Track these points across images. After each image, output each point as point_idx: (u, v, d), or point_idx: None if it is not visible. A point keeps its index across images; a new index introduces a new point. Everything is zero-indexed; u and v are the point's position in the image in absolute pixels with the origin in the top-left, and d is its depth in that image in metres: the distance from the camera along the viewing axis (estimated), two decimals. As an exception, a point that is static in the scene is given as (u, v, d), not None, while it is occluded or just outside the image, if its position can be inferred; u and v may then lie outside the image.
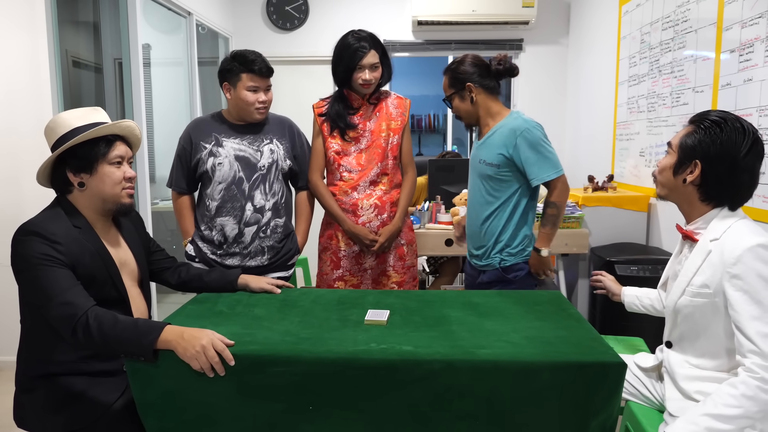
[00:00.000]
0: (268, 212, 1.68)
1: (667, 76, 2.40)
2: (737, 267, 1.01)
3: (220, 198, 1.65)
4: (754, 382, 0.96)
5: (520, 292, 1.42)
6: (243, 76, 1.59)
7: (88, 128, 1.17)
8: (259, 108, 1.63)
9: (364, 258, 1.80)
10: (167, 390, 1.03)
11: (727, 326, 1.06)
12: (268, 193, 1.68)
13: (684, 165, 1.08)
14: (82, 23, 2.93)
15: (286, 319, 1.19)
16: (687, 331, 1.14)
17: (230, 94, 1.63)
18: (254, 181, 1.66)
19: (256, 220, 1.67)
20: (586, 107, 3.51)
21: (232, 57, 1.62)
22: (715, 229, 1.08)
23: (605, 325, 2.28)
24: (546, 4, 3.78)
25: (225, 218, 1.65)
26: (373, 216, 1.77)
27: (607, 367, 0.97)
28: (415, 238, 1.91)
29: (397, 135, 1.79)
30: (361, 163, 1.77)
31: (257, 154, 1.67)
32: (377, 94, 1.80)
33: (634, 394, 1.31)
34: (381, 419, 1.01)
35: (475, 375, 0.98)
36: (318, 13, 3.90)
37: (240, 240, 1.66)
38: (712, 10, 2.03)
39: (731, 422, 0.96)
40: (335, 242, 1.81)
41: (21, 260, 1.09)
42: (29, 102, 2.21)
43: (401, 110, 1.81)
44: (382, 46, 1.75)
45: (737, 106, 1.87)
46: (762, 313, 0.98)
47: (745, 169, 1.04)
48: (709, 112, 1.09)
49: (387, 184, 1.79)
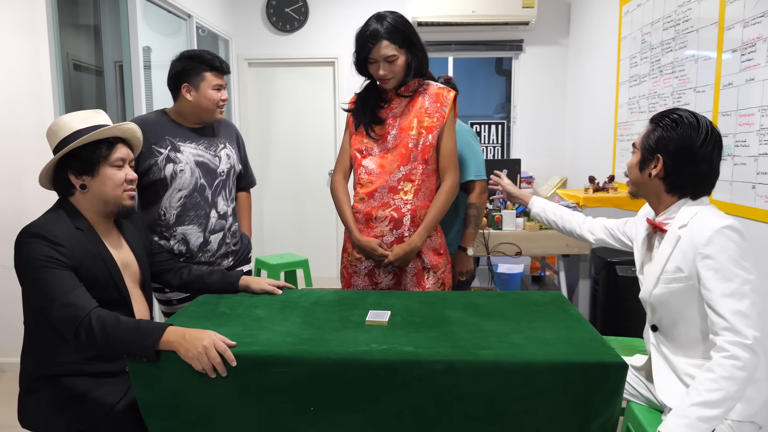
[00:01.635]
0: (230, 217, 1.68)
1: (668, 76, 2.40)
2: (708, 247, 1.05)
3: (180, 206, 1.57)
4: (727, 361, 1.00)
5: (521, 293, 1.42)
6: (207, 75, 1.55)
7: (90, 131, 1.18)
8: (221, 106, 1.60)
9: (379, 276, 1.54)
10: (169, 391, 1.03)
11: (702, 309, 1.09)
12: (228, 198, 1.68)
13: (647, 161, 1.17)
14: (83, 26, 2.94)
15: (287, 320, 1.19)
16: (664, 318, 1.18)
17: (191, 95, 1.55)
18: (216, 187, 1.63)
19: (221, 226, 1.64)
20: (587, 108, 3.51)
21: (189, 57, 1.56)
22: (682, 217, 1.14)
23: (606, 326, 2.28)
24: (546, 5, 3.78)
25: (188, 227, 1.58)
26: (387, 230, 1.49)
27: (609, 367, 0.97)
28: (443, 264, 1.57)
29: (432, 134, 1.49)
30: (384, 164, 1.50)
31: (215, 159, 1.63)
32: (412, 85, 1.52)
33: (635, 395, 1.31)
34: (382, 420, 1.01)
35: (476, 376, 0.98)
36: (317, 15, 3.91)
37: (206, 249, 1.62)
38: (714, 9, 2.03)
39: (718, 406, 0.98)
40: (346, 255, 1.59)
41: (24, 262, 1.10)
42: (30, 104, 2.21)
43: (439, 104, 1.50)
44: (404, 32, 1.45)
45: (739, 106, 1.87)
46: (733, 290, 1.02)
47: (704, 159, 1.11)
48: (666, 111, 1.17)
49: (411, 193, 1.48)
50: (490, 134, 3.99)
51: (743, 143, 1.82)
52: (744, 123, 1.84)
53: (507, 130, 4.04)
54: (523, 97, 3.97)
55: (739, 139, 1.85)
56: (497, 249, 2.40)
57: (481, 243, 2.36)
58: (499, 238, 2.41)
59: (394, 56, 1.44)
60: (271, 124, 4.10)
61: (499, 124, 3.99)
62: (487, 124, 4.00)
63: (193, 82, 1.55)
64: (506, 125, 4.03)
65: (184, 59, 1.57)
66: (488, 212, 2.50)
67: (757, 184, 1.74)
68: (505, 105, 4.36)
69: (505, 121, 4.03)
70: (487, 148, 4.01)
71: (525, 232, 2.45)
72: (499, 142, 4.00)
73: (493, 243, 2.40)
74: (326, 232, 4.17)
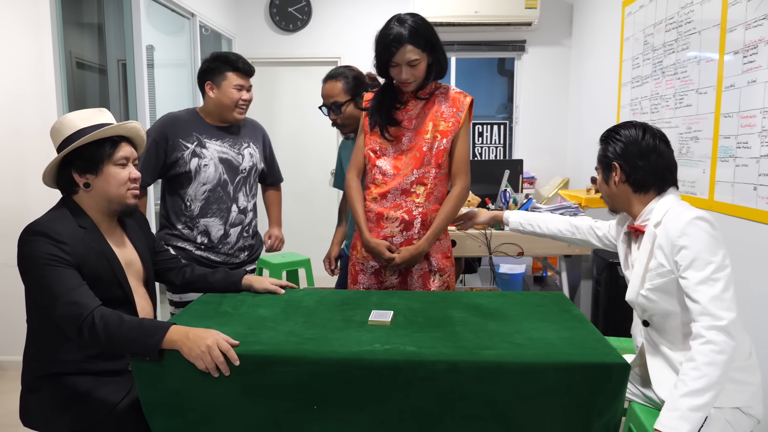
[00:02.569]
0: (250, 213, 1.80)
1: (671, 78, 2.39)
2: (682, 239, 1.12)
3: (204, 199, 1.68)
4: (705, 347, 1.03)
5: (523, 293, 1.43)
6: (229, 74, 1.67)
7: (94, 129, 1.18)
8: (241, 106, 1.70)
9: (385, 276, 1.56)
10: (172, 389, 1.04)
11: (683, 300, 1.13)
12: (249, 194, 1.79)
13: (608, 172, 1.29)
14: (87, 25, 2.95)
15: (290, 320, 1.19)
16: (655, 315, 1.21)
17: (213, 92, 1.68)
18: (237, 183, 1.74)
19: (240, 221, 1.76)
20: (589, 109, 3.51)
21: (215, 57, 1.70)
22: (655, 215, 1.21)
23: (608, 326, 2.28)
24: (549, 6, 3.78)
25: (210, 219, 1.69)
26: (398, 231, 1.50)
27: (611, 368, 0.97)
28: (449, 267, 1.58)
29: (446, 138, 1.49)
30: (398, 166, 1.51)
31: (239, 157, 1.74)
32: (429, 88, 1.52)
33: (637, 395, 1.32)
34: (385, 419, 1.01)
35: (479, 376, 0.98)
36: (320, 15, 3.91)
37: (225, 241, 1.73)
38: (716, 11, 2.03)
39: (704, 393, 1.01)
40: (355, 252, 1.59)
41: (27, 260, 1.10)
42: (34, 103, 2.22)
43: (455, 109, 1.51)
44: (426, 35, 1.44)
45: (741, 108, 1.87)
46: (706, 276, 1.07)
47: (650, 150, 1.22)
48: (608, 129, 1.30)
49: (423, 197, 1.49)
50: (493, 134, 3.99)
51: (745, 145, 1.82)
52: (746, 125, 1.84)
53: (509, 130, 4.04)
54: (526, 98, 3.97)
55: (741, 141, 1.84)
56: (499, 249, 2.40)
57: (483, 243, 2.36)
58: (501, 238, 2.41)
59: (417, 60, 1.43)
60: (273, 123, 4.10)
61: (502, 124, 3.99)
62: (489, 124, 4.00)
63: (216, 81, 1.68)
64: (508, 125, 4.03)
65: (211, 59, 1.70)
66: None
67: (758, 186, 1.74)
68: (507, 105, 4.36)
69: (507, 122, 4.03)
70: (489, 149, 4.01)
71: (527, 232, 2.45)
72: (501, 143, 4.00)
73: (495, 243, 2.40)
74: (328, 232, 4.16)
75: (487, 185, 2.68)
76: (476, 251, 2.34)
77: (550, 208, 2.49)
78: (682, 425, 1.00)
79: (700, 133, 2.16)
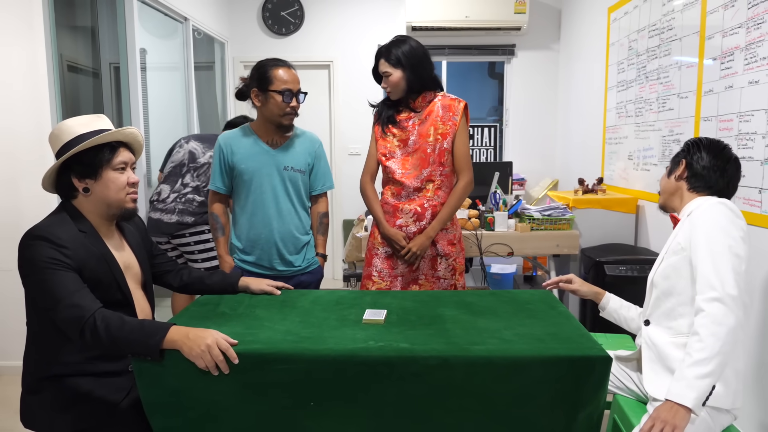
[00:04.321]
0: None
1: (654, 82, 2.47)
2: (700, 218, 1.20)
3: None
4: (706, 320, 1.09)
5: (511, 292, 1.47)
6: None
7: (93, 135, 1.20)
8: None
9: (396, 262, 1.78)
10: (173, 388, 1.06)
11: (691, 278, 1.19)
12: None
13: (674, 167, 1.36)
14: (80, 28, 2.95)
15: (286, 319, 1.23)
16: (662, 294, 1.27)
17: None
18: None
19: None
20: (577, 111, 3.59)
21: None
22: (691, 206, 1.28)
23: (595, 323, 2.33)
24: (537, 11, 3.85)
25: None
26: (411, 221, 1.75)
27: (594, 360, 1.02)
28: (455, 253, 1.80)
29: (446, 140, 1.73)
30: (407, 167, 1.75)
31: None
32: (424, 97, 1.75)
33: (621, 388, 1.37)
34: (380, 413, 1.05)
35: (470, 370, 1.02)
36: (313, 19, 3.94)
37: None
38: (696, 18, 2.10)
39: (709, 363, 1.07)
40: (373, 238, 1.83)
41: (28, 264, 1.11)
42: (27, 106, 2.22)
43: (451, 113, 1.74)
44: (401, 54, 1.69)
45: (719, 112, 1.94)
46: (715, 252, 1.14)
47: (719, 164, 1.28)
48: (696, 137, 1.39)
49: (432, 192, 1.74)
50: (483, 136, 4.06)
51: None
52: (723, 128, 1.91)
53: (499, 132, 4.11)
54: (516, 101, 4.03)
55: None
56: (490, 249, 2.45)
57: (474, 244, 2.41)
58: (491, 238, 2.47)
59: (389, 73, 1.71)
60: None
61: (492, 126, 4.06)
62: (480, 126, 4.06)
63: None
64: (499, 128, 4.10)
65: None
66: (481, 213, 2.55)
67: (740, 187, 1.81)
68: (497, 108, 4.42)
69: (497, 124, 4.09)
70: (479, 151, 4.07)
71: (517, 233, 2.50)
72: (492, 145, 4.06)
73: (486, 244, 2.45)
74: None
75: (478, 187, 2.72)
76: (468, 251, 2.39)
77: (539, 209, 2.55)
78: (688, 393, 1.06)
79: (681, 136, 2.23)
